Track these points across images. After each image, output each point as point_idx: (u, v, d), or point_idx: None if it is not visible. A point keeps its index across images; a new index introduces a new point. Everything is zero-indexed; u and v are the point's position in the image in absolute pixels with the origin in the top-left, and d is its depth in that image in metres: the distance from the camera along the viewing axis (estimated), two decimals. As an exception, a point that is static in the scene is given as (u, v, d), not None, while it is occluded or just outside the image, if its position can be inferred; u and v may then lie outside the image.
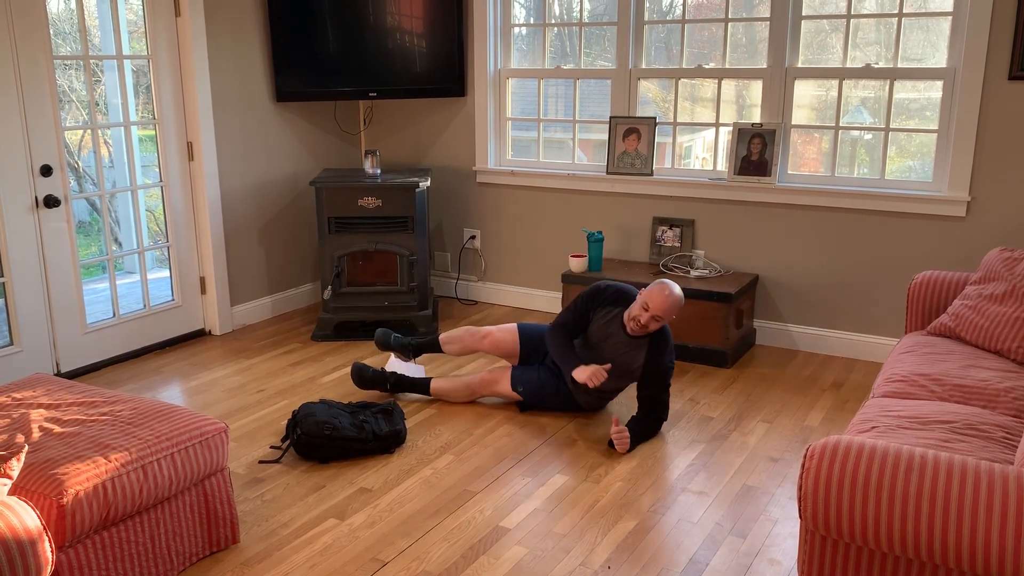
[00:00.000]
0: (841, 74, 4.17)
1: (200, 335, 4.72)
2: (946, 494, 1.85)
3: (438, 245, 5.45)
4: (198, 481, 2.57)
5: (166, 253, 4.56)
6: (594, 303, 3.51)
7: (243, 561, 2.63)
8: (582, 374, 3.35)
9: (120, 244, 5.89)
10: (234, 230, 4.76)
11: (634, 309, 3.36)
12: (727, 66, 4.45)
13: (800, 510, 2.03)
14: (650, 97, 4.75)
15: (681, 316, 4.25)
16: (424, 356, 4.32)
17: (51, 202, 3.89)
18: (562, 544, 2.71)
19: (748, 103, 4.49)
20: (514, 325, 3.78)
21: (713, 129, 4.59)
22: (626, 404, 3.74)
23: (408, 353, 3.90)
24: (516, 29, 5.04)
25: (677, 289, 3.33)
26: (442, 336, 3.85)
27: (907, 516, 1.87)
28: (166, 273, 4.67)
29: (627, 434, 3.29)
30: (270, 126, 4.90)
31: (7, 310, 3.86)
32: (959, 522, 1.83)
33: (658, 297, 3.29)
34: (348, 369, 4.18)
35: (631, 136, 4.67)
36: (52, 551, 2.08)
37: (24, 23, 3.71)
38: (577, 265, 4.54)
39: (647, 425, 3.39)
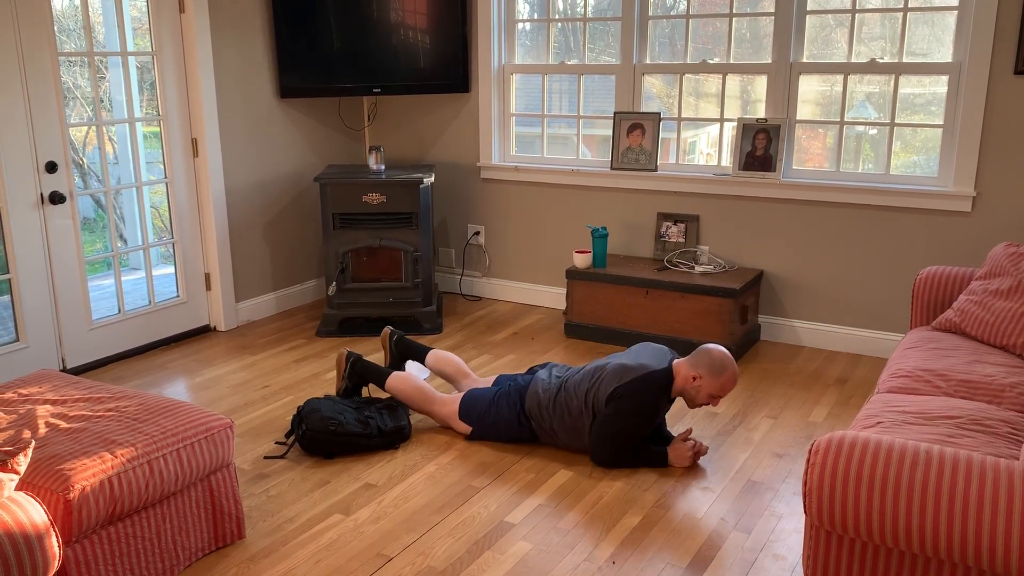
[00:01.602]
0: (846, 69, 4.16)
1: (205, 331, 4.73)
2: (951, 489, 1.85)
3: (442, 241, 5.45)
4: (204, 477, 2.58)
5: (171, 249, 4.57)
6: (656, 410, 3.13)
7: (249, 556, 2.63)
8: (682, 460, 3.15)
9: (125, 240, 5.90)
10: (239, 226, 4.76)
11: (696, 395, 3.10)
12: (731, 61, 4.44)
13: (805, 505, 2.03)
14: (654, 92, 4.74)
15: (686, 312, 4.25)
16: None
17: (56, 198, 3.90)
18: (567, 540, 2.71)
19: (752, 98, 4.48)
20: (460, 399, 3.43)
21: (717, 124, 4.58)
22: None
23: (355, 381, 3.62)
24: (520, 25, 5.03)
25: (731, 359, 3.10)
26: (390, 380, 3.49)
27: (912, 511, 1.87)
28: (171, 269, 4.68)
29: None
30: (274, 122, 4.90)
31: (13, 306, 3.87)
32: (964, 517, 1.82)
33: (729, 383, 3.07)
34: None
35: (635, 132, 4.66)
36: (59, 546, 2.08)
37: (28, 20, 3.72)
38: (581, 261, 4.53)
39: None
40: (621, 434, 3.11)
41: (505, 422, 3.30)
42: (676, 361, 3.16)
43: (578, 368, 3.34)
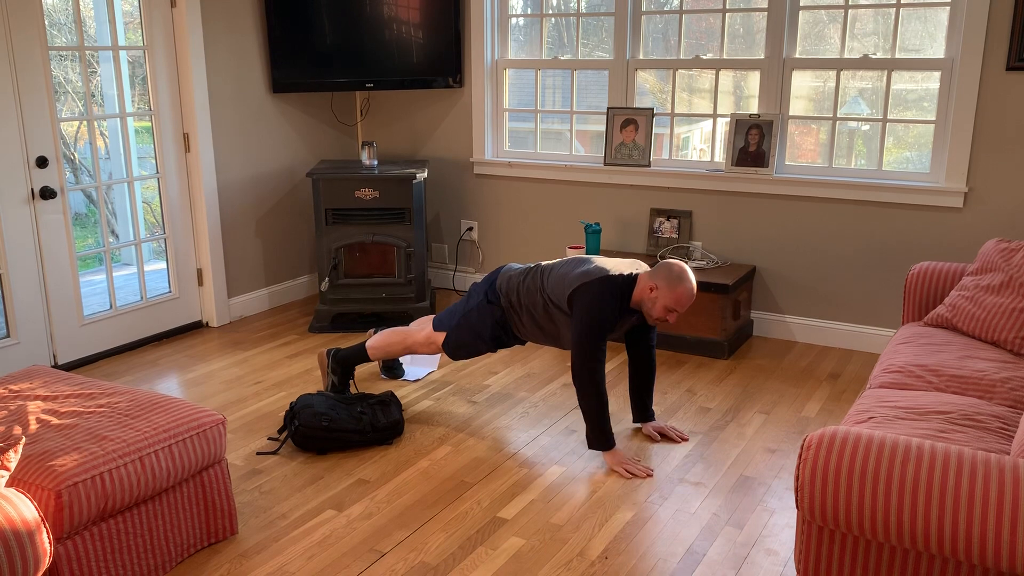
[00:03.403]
0: (839, 65, 4.16)
1: (197, 327, 4.72)
2: (942, 484, 1.86)
3: (435, 237, 5.44)
4: (196, 473, 2.57)
5: (163, 245, 4.55)
6: (615, 313, 3.09)
7: (241, 552, 2.63)
8: (616, 465, 3.12)
9: (117, 236, 5.88)
10: (231, 222, 4.75)
11: (652, 307, 3.08)
12: (725, 57, 4.44)
13: (797, 500, 2.03)
14: (648, 88, 4.74)
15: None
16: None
17: (47, 194, 3.88)
18: (560, 535, 2.71)
19: (746, 94, 4.48)
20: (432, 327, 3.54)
21: (711, 120, 4.58)
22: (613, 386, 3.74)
23: (338, 370, 3.67)
24: (513, 19, 5.02)
25: (690, 274, 3.07)
26: (368, 344, 3.62)
27: (903, 506, 1.88)
28: (163, 265, 4.66)
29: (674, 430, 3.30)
30: (267, 117, 4.88)
31: (4, 302, 3.85)
32: (955, 512, 1.83)
33: (684, 297, 3.03)
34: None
35: (629, 127, 4.66)
36: (50, 543, 2.08)
37: (19, 14, 3.69)
38: (574, 256, 4.53)
39: (652, 375, 3.37)
40: (587, 336, 3.04)
41: (476, 310, 3.38)
42: (640, 273, 3.15)
43: (554, 262, 3.36)
